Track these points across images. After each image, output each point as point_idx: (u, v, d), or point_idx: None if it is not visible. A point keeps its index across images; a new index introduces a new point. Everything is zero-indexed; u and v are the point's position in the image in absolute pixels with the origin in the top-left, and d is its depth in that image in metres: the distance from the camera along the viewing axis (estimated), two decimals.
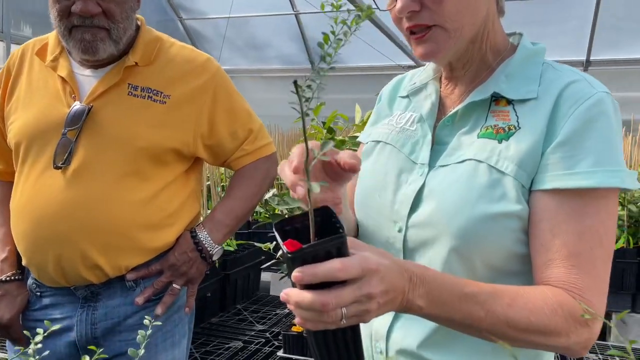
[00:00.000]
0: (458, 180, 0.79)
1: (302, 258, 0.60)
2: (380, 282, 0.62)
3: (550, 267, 0.75)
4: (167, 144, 1.27)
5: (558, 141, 0.75)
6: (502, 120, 0.81)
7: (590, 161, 0.74)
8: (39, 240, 1.22)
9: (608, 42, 6.47)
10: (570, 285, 0.73)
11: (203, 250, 1.34)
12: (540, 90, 0.80)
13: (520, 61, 0.84)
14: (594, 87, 0.78)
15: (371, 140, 0.97)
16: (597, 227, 0.74)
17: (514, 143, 0.78)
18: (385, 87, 1.06)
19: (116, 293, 1.28)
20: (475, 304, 0.69)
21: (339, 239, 0.61)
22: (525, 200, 0.76)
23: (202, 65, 1.35)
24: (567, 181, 0.74)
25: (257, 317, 2.64)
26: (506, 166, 0.77)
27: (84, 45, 1.20)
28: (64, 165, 1.21)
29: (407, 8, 0.79)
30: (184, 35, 7.81)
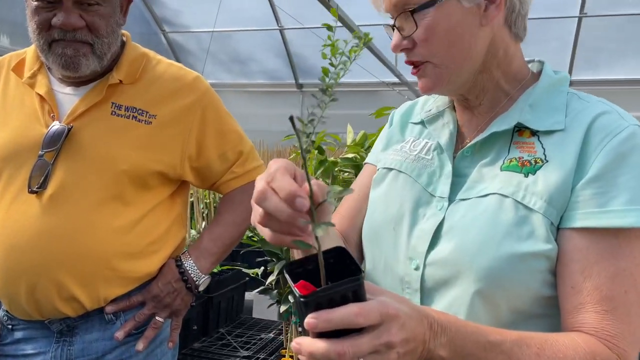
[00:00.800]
0: (481, 216, 0.74)
1: (316, 302, 0.56)
2: (401, 329, 0.57)
3: (581, 311, 0.70)
4: (151, 167, 1.20)
5: (589, 176, 0.71)
6: (528, 153, 0.76)
7: (624, 199, 0.69)
8: (10, 270, 1.12)
9: (589, 63, 6.60)
10: (603, 333, 0.68)
11: (189, 280, 1.26)
12: (568, 121, 0.76)
13: (544, 90, 0.80)
14: (625, 119, 0.74)
15: (382, 167, 0.92)
16: (632, 269, 0.69)
17: (542, 177, 0.73)
18: (395, 111, 1.01)
19: (94, 327, 1.19)
20: (501, 354, 0.64)
21: (355, 282, 0.56)
22: (554, 239, 0.71)
23: (190, 83, 1.28)
24: (599, 220, 0.69)
25: (241, 342, 2.55)
26: (534, 202, 0.72)
27: (65, 60, 1.12)
28: (40, 190, 1.12)
29: (399, 46, 0.80)
30: (167, 48, 7.74)
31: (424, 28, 0.76)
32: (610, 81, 6.69)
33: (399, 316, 0.57)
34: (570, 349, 0.66)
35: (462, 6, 0.75)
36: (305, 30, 6.54)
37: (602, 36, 6.33)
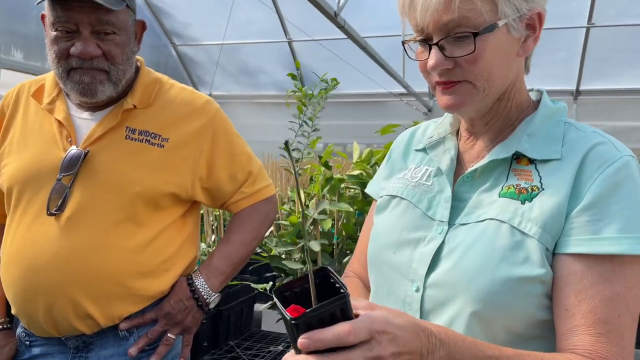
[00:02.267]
0: (479, 241, 0.77)
1: (307, 323, 0.59)
2: (390, 343, 0.60)
3: (575, 334, 0.72)
4: (164, 189, 1.24)
5: (584, 204, 0.74)
6: (525, 180, 0.79)
7: (617, 226, 0.72)
8: (29, 289, 1.17)
9: (597, 72, 6.60)
10: (596, 355, 0.70)
11: (199, 298, 1.30)
12: (564, 150, 0.79)
13: (542, 120, 0.83)
14: (619, 150, 0.77)
15: (386, 194, 0.95)
16: (625, 293, 0.72)
17: (538, 205, 0.76)
18: (396, 140, 1.05)
19: (109, 343, 1.23)
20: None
21: (341, 300, 0.60)
22: (549, 264, 0.74)
23: (201, 107, 1.32)
24: (593, 246, 0.72)
25: (250, 354, 2.58)
26: (529, 228, 0.75)
27: (83, 87, 1.17)
28: (58, 212, 1.17)
29: (440, 66, 0.78)
30: (177, 61, 7.83)
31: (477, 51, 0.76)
32: (618, 91, 6.68)
33: (386, 331, 0.60)
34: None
35: (510, 35, 0.77)
36: (313, 42, 6.60)
37: (610, 46, 6.34)
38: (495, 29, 0.75)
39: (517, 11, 0.77)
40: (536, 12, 0.79)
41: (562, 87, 6.82)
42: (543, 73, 6.66)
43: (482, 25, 0.75)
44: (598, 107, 6.79)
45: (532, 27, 0.80)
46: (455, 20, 0.75)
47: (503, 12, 0.75)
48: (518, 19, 0.77)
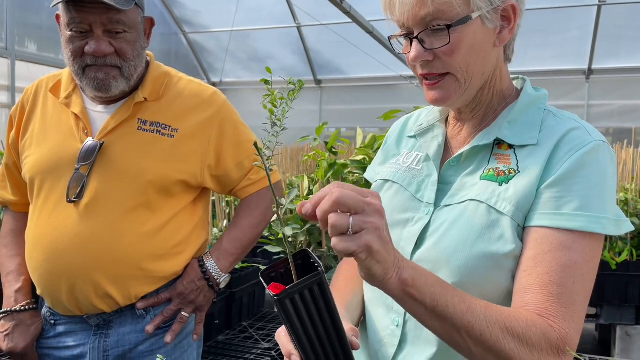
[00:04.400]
0: (459, 220, 0.83)
1: (289, 298, 0.66)
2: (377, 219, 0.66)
3: (529, 292, 0.76)
4: (175, 177, 1.31)
5: (550, 181, 0.79)
6: (504, 164, 0.84)
7: (576, 204, 0.77)
8: (53, 271, 1.26)
9: (609, 51, 6.51)
10: (547, 313, 0.74)
11: (210, 278, 1.38)
12: (541, 136, 0.84)
13: (522, 108, 0.88)
14: (591, 135, 0.82)
15: (380, 178, 1.01)
16: (581, 264, 0.76)
17: (513, 185, 0.82)
18: (392, 128, 1.10)
19: (127, 321, 1.32)
20: (458, 296, 0.72)
21: (317, 277, 0.67)
22: (520, 239, 0.80)
23: (209, 99, 1.39)
24: (553, 221, 0.77)
25: (263, 334, 2.67)
26: (504, 207, 0.80)
27: (97, 83, 1.24)
28: (77, 200, 1.25)
29: (420, 58, 0.84)
30: (187, 48, 7.89)
31: (452, 43, 0.81)
32: (631, 69, 6.59)
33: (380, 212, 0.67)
34: (514, 312, 0.74)
35: (485, 26, 0.83)
36: (322, 26, 6.61)
37: (622, 24, 6.25)
38: (469, 20, 0.80)
39: (490, 3, 0.81)
40: (510, 4, 0.83)
41: (574, 67, 6.75)
42: (555, 52, 6.61)
43: (456, 18, 0.80)
44: (610, 85, 6.72)
45: (507, 18, 0.84)
46: (431, 14, 0.80)
47: (476, 5, 0.80)
48: (492, 10, 0.82)
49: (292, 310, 0.68)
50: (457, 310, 0.71)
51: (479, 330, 0.71)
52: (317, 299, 0.68)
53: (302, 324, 0.68)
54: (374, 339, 0.94)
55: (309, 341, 0.70)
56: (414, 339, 0.88)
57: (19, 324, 1.33)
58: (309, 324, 0.69)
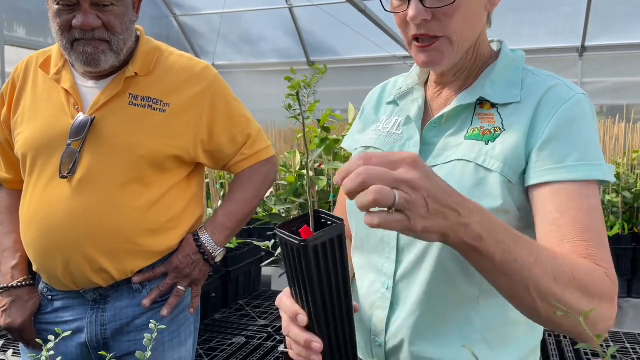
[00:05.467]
0: (447, 180, 0.82)
1: (313, 246, 0.67)
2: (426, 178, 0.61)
3: (566, 242, 0.74)
4: (167, 151, 1.31)
5: (544, 139, 0.81)
6: (488, 123, 0.86)
7: (576, 155, 0.79)
8: (47, 247, 1.26)
9: (603, 28, 6.50)
10: (593, 258, 0.73)
11: (205, 252, 1.39)
12: (523, 94, 0.86)
13: (502, 67, 0.89)
14: (572, 89, 0.84)
15: (360, 146, 1.02)
16: (598, 208, 0.78)
17: (500, 143, 0.83)
18: (368, 95, 1.11)
19: (124, 295, 1.33)
20: (526, 248, 0.68)
21: (340, 227, 0.69)
22: (510, 195, 0.81)
23: (200, 73, 1.38)
24: (557, 174, 0.78)
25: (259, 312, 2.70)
26: (492, 164, 0.82)
27: (86, 57, 1.24)
28: (70, 175, 1.25)
29: (420, 16, 0.81)
30: (179, 31, 7.82)
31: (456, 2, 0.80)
32: (624, 46, 6.58)
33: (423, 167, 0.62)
34: (576, 259, 0.72)
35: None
36: (314, 7, 6.56)
37: (615, 0, 6.23)
38: None
39: None
40: None
41: (567, 44, 6.74)
42: (547, 30, 6.59)
43: None
44: (603, 63, 6.73)
45: None
46: None
47: None
48: None
49: (314, 260, 0.67)
50: (525, 263, 0.66)
51: (547, 283, 0.67)
52: (335, 251, 0.69)
53: (319, 276, 0.69)
54: (365, 303, 0.96)
55: (322, 295, 0.71)
56: (405, 301, 0.89)
57: (16, 300, 1.34)
58: (324, 276, 0.69)
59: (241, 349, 2.30)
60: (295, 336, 0.73)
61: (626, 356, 2.59)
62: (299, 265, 0.69)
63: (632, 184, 3.60)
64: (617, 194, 3.54)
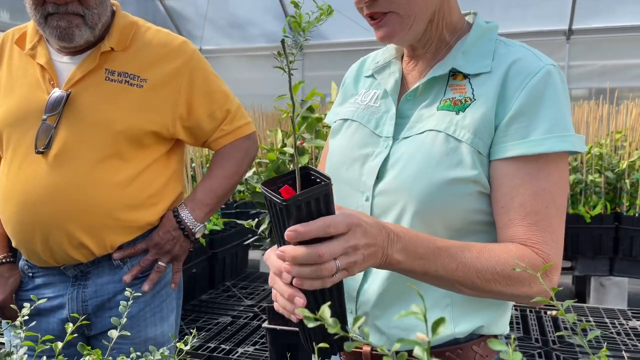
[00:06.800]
0: (419, 150, 0.86)
1: (296, 205, 0.66)
2: (364, 235, 0.70)
3: (510, 226, 0.82)
4: (145, 127, 1.31)
5: (512, 114, 0.82)
6: (459, 93, 0.87)
7: (542, 129, 0.81)
8: (25, 222, 1.26)
9: (590, 10, 6.50)
10: (530, 242, 0.81)
11: (185, 228, 1.39)
12: (494, 64, 0.87)
13: (475, 38, 0.91)
14: (541, 60, 0.85)
15: (339, 118, 1.03)
16: (550, 188, 0.82)
17: (470, 113, 0.84)
18: (349, 70, 1.12)
19: (104, 271, 1.34)
20: (448, 257, 0.77)
21: (325, 187, 0.68)
22: (480, 166, 0.83)
23: (178, 48, 1.38)
24: (521, 149, 0.81)
25: (246, 293, 2.72)
26: (462, 134, 0.83)
27: (60, 32, 1.23)
28: (45, 150, 1.25)
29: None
30: (165, 16, 7.72)
31: None
32: (612, 28, 6.59)
33: (361, 224, 0.70)
34: (503, 252, 0.80)
35: None
36: None
37: None
38: None
39: None
40: None
41: (554, 27, 6.74)
42: (534, 13, 6.59)
43: None
44: (591, 46, 6.74)
45: None
46: None
47: None
48: None
49: (295, 219, 0.68)
50: (447, 270, 0.77)
51: (471, 281, 0.78)
52: (320, 210, 0.69)
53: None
54: None
55: None
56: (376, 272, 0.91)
57: None
58: None
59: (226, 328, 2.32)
60: (280, 289, 0.75)
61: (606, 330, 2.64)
62: (282, 223, 0.69)
63: (615, 165, 3.65)
64: (600, 174, 3.58)
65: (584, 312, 3.10)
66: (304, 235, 0.66)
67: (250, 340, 2.24)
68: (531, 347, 2.56)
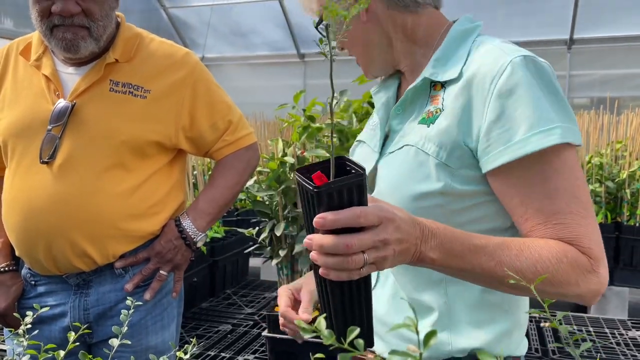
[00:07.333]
0: (395, 165, 0.88)
1: (328, 194, 0.63)
2: (396, 230, 0.66)
3: (536, 231, 0.78)
4: (149, 137, 1.33)
5: (489, 121, 0.78)
6: (434, 105, 0.87)
7: (524, 128, 0.76)
8: (29, 231, 1.28)
9: (591, 20, 6.53)
10: (565, 239, 0.75)
11: (187, 237, 1.41)
12: (465, 69, 0.84)
13: (448, 44, 0.89)
14: (507, 54, 0.80)
15: (356, 140, 1.07)
16: (564, 185, 0.77)
17: (436, 125, 0.84)
18: None
19: (106, 280, 1.35)
20: (485, 255, 0.73)
21: (359, 177, 0.64)
22: (446, 178, 0.82)
23: (181, 59, 1.40)
24: (507, 155, 0.76)
25: (246, 300, 2.73)
26: (429, 147, 0.83)
27: (66, 44, 1.24)
28: (50, 160, 1.26)
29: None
30: (168, 24, 7.78)
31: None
32: (612, 38, 6.62)
33: (394, 219, 0.66)
34: (544, 249, 0.74)
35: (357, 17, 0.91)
36: None
37: None
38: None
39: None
40: None
41: (556, 37, 6.77)
42: (535, 22, 6.61)
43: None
44: (592, 55, 6.77)
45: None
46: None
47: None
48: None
49: (326, 207, 0.64)
50: (485, 269, 0.73)
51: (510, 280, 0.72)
52: (352, 201, 0.65)
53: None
54: None
55: None
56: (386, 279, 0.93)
57: (0, 285, 1.36)
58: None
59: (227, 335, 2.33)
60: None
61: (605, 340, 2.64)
62: (312, 211, 0.66)
63: (615, 174, 3.66)
64: (601, 183, 3.59)
65: (584, 322, 3.10)
66: (333, 223, 0.62)
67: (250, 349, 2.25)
68: (531, 356, 2.57)
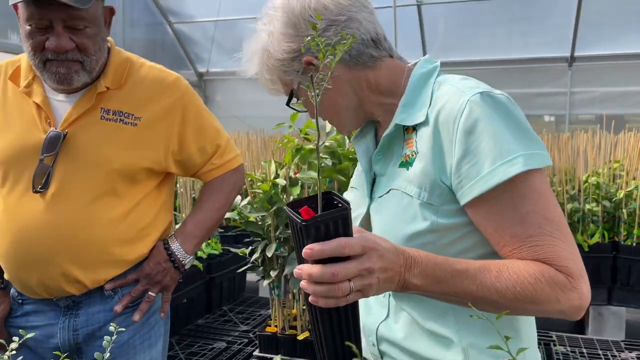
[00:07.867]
0: (384, 209, 0.92)
1: (315, 226, 0.69)
2: (379, 259, 0.71)
3: (514, 255, 0.81)
4: (139, 164, 1.36)
5: (457, 159, 0.83)
6: (410, 148, 0.91)
7: (489, 161, 0.80)
8: (21, 258, 1.30)
9: (592, 38, 6.55)
10: (541, 260, 0.79)
11: (176, 260, 1.44)
12: (430, 111, 0.88)
13: (412, 89, 0.93)
14: (464, 94, 0.84)
15: (350, 186, 1.10)
16: (534, 208, 0.80)
17: (414, 167, 0.88)
18: None
19: (96, 301, 1.37)
20: (466, 279, 0.78)
21: (344, 210, 0.70)
22: (432, 216, 0.86)
23: (171, 85, 1.43)
24: (478, 188, 0.81)
25: (242, 317, 2.74)
26: (410, 189, 0.87)
27: (59, 77, 1.26)
28: (43, 190, 1.28)
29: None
30: (173, 38, 7.85)
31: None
32: (613, 56, 6.64)
33: (377, 248, 0.71)
34: (522, 270, 0.78)
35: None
36: None
37: (604, 11, 6.29)
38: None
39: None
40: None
41: (556, 54, 6.79)
42: (536, 40, 6.65)
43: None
44: (593, 73, 6.78)
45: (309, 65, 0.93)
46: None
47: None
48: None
49: (314, 239, 0.69)
50: (467, 292, 0.77)
51: (493, 300, 0.78)
52: (338, 232, 0.70)
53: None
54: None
55: None
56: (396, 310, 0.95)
57: None
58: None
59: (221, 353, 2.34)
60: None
61: None
62: (302, 242, 0.71)
63: (613, 194, 3.66)
64: (598, 203, 3.59)
65: (577, 343, 3.09)
66: (320, 254, 0.67)
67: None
68: None
